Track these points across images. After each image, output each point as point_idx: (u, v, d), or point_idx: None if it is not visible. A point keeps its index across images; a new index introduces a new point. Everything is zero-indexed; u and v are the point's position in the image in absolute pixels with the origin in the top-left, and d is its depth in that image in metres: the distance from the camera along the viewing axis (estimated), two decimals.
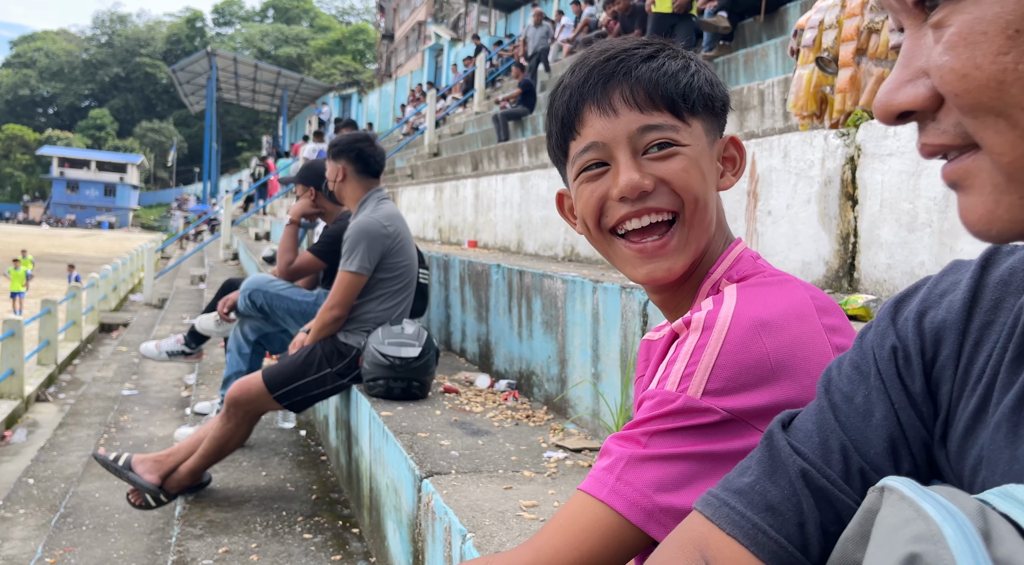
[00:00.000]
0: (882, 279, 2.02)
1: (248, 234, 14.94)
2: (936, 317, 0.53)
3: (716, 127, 0.84)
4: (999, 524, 0.38)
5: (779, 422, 0.58)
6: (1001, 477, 0.45)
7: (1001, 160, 0.38)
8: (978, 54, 0.37)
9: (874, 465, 0.53)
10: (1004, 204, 0.39)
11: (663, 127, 0.79)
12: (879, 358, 0.55)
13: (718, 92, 0.83)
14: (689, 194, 0.79)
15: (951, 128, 0.40)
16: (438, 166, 10.04)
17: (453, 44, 25.76)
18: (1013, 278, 0.50)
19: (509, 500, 1.76)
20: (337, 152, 3.02)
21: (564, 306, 2.51)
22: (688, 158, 0.79)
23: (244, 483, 3.13)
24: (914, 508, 0.40)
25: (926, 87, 0.40)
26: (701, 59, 0.85)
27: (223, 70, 32.10)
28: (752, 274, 0.80)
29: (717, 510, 0.57)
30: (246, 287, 3.40)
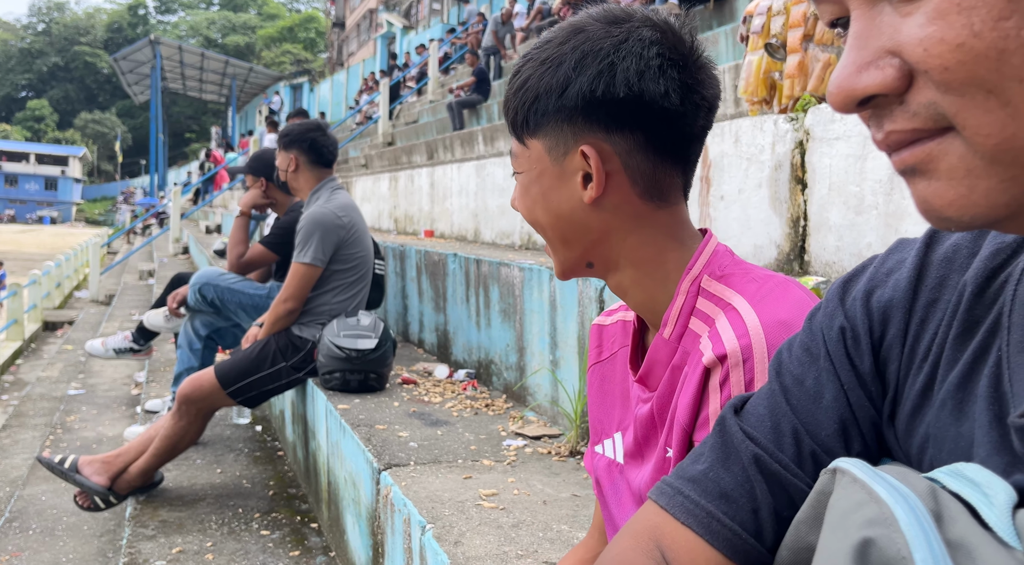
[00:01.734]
0: (831, 261, 2.06)
1: (198, 227, 14.60)
2: (883, 296, 0.52)
3: (572, 135, 0.77)
4: (950, 504, 0.38)
5: (731, 407, 0.58)
6: (948, 455, 0.45)
7: (986, 142, 0.35)
8: (975, 20, 0.33)
9: (825, 447, 0.53)
10: (980, 189, 0.36)
11: (512, 154, 0.84)
12: (828, 339, 0.54)
13: (559, 102, 0.76)
14: (528, 220, 0.84)
15: (923, 109, 0.37)
16: (393, 155, 9.94)
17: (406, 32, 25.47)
18: (956, 255, 0.50)
19: (469, 490, 1.75)
20: (288, 142, 2.95)
21: (521, 294, 2.51)
22: (521, 185, 0.83)
23: (198, 481, 3.07)
24: (866, 491, 0.40)
25: (894, 67, 0.37)
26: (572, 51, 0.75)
27: (168, 59, 31.22)
28: (734, 271, 0.79)
29: (671, 499, 0.57)
30: (196, 281, 3.32)
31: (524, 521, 1.58)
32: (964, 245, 0.50)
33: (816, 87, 2.82)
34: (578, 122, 0.77)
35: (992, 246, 0.48)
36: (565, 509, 1.65)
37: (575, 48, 0.76)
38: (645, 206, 0.80)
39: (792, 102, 2.91)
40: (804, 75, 2.89)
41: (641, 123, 0.77)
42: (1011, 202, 0.36)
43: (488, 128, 7.16)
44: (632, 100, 0.75)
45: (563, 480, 1.83)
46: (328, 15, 44.04)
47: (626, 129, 0.77)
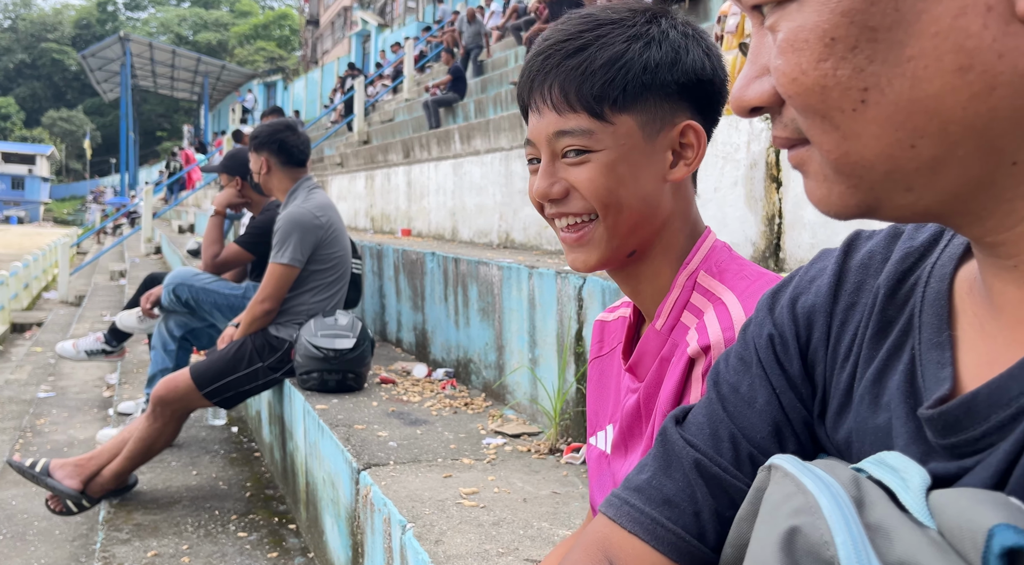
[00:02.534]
0: (806, 258, 2.09)
1: (171, 227, 14.40)
2: (807, 302, 0.56)
3: (670, 112, 0.78)
4: (871, 490, 0.41)
5: (672, 418, 0.60)
6: (870, 446, 0.48)
7: (829, 156, 0.41)
8: (803, 60, 0.39)
9: (761, 449, 0.56)
10: (835, 192, 0.42)
11: (575, 132, 0.77)
12: (759, 347, 0.58)
13: (672, 74, 0.77)
14: (598, 201, 0.78)
15: (790, 122, 0.43)
16: (368, 154, 9.88)
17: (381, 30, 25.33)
18: (871, 261, 0.54)
19: (449, 489, 1.75)
20: (258, 144, 2.92)
21: (500, 293, 2.51)
22: (598, 164, 0.77)
23: (173, 483, 3.03)
24: (795, 483, 0.43)
25: (770, 84, 0.43)
26: (660, 32, 0.78)
27: (138, 56, 30.74)
28: (729, 267, 0.80)
29: (618, 509, 0.59)
30: (170, 281, 3.28)
31: (505, 519, 1.58)
32: (878, 251, 0.54)
33: None
34: (675, 99, 0.78)
35: (902, 251, 0.52)
36: (545, 506, 1.65)
37: (673, 27, 0.78)
38: (692, 191, 0.83)
39: None
40: None
41: (715, 110, 0.81)
42: (860, 203, 0.42)
43: (464, 126, 7.15)
44: (721, 85, 0.80)
45: (543, 478, 1.83)
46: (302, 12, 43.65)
47: (707, 113, 0.81)
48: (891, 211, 0.42)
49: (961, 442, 0.41)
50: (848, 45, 0.38)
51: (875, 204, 0.41)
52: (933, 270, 0.49)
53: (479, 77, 11.02)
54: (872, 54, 0.37)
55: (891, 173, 0.40)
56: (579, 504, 1.66)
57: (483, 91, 10.26)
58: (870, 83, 0.38)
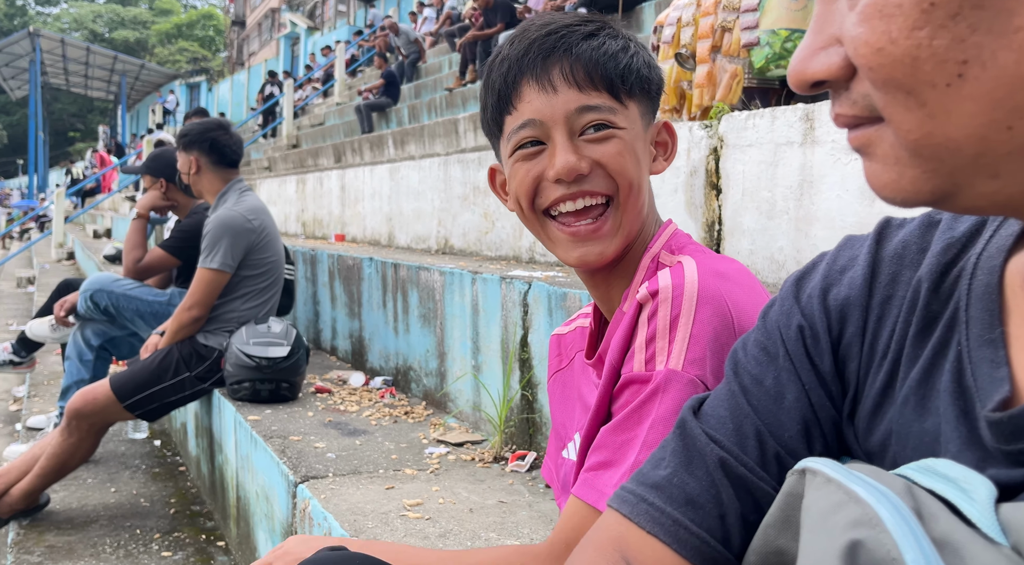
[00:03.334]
0: (746, 264, 2.13)
1: (85, 231, 13.72)
2: (839, 294, 0.53)
3: (651, 111, 0.84)
4: (928, 501, 0.38)
5: (690, 409, 0.56)
6: (912, 451, 0.45)
7: (908, 137, 0.37)
8: (893, 27, 0.36)
9: (788, 448, 0.52)
10: (908, 176, 0.38)
11: (601, 108, 0.78)
12: (787, 338, 0.54)
13: (655, 75, 0.83)
14: (624, 178, 0.78)
15: (861, 99, 0.39)
16: (298, 158, 9.65)
17: (311, 33, 24.88)
18: (907, 251, 0.51)
19: (392, 500, 1.70)
20: (188, 142, 2.80)
21: (442, 298, 2.46)
22: (624, 142, 0.78)
23: (89, 502, 2.85)
24: (844, 491, 0.39)
25: (839, 56, 0.39)
26: (640, 41, 0.84)
27: (49, 53, 29.24)
28: (688, 244, 0.83)
29: (635, 507, 0.55)
30: (87, 287, 3.10)
31: (451, 530, 1.54)
32: (913, 241, 0.51)
33: (724, 96, 2.91)
34: (654, 100, 0.83)
35: (942, 241, 0.49)
36: (492, 516, 1.62)
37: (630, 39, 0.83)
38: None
39: (701, 111, 3.00)
40: (713, 85, 2.99)
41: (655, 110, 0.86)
42: (935, 190, 0.38)
43: (399, 131, 7.06)
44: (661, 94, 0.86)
45: (488, 486, 1.80)
46: (227, 13, 42.49)
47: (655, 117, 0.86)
48: (969, 200, 0.38)
49: None
50: (949, 12, 0.34)
51: (952, 191, 0.38)
52: (979, 262, 0.46)
53: (413, 82, 10.93)
54: (976, 22, 0.34)
55: (979, 157, 0.36)
56: (526, 513, 1.64)
57: (417, 96, 10.18)
58: (971, 55, 0.34)
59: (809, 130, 1.93)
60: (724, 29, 3.05)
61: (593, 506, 0.71)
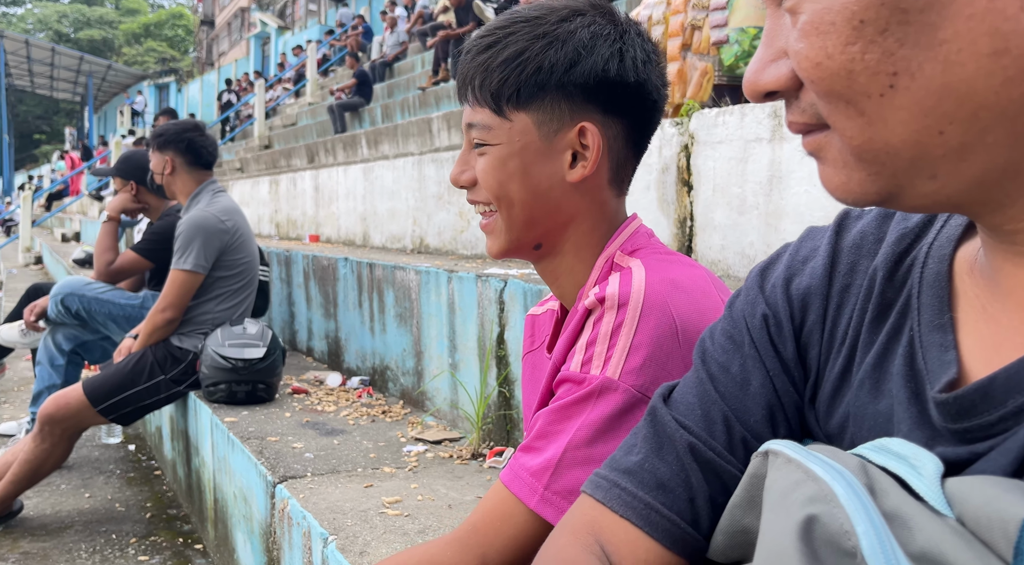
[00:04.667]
0: (717, 259, 2.16)
1: (53, 235, 13.47)
2: (801, 283, 0.55)
3: (569, 112, 0.78)
4: (880, 478, 0.40)
5: (660, 396, 0.59)
6: (868, 432, 0.48)
7: (851, 142, 0.40)
8: (829, 43, 0.38)
9: (754, 433, 0.54)
10: (855, 179, 0.41)
11: (477, 125, 0.81)
12: (751, 326, 0.56)
13: (565, 77, 0.76)
14: (490, 192, 0.81)
15: (808, 107, 0.42)
16: (270, 159, 9.57)
17: (281, 32, 24.64)
18: (864, 241, 0.53)
19: (371, 498, 1.70)
20: (163, 142, 2.77)
21: (419, 298, 2.47)
22: (491, 157, 0.80)
23: (64, 507, 2.82)
24: (802, 470, 0.41)
25: (788, 68, 0.41)
26: (568, 32, 0.77)
27: (13, 54, 28.66)
28: (645, 246, 0.82)
29: (608, 492, 0.57)
30: (58, 291, 3.05)
31: (430, 526, 1.55)
32: (870, 231, 0.53)
33: (695, 94, 2.95)
34: (577, 100, 0.78)
35: (897, 232, 0.51)
36: (470, 512, 1.63)
37: (583, 27, 0.77)
38: (609, 192, 0.83)
39: (672, 108, 3.04)
40: (684, 82, 3.02)
41: (633, 111, 0.80)
42: (880, 191, 0.41)
43: (372, 131, 7.04)
44: (636, 86, 0.78)
45: (467, 483, 1.81)
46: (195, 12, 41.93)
47: (619, 114, 0.80)
48: (913, 199, 0.41)
49: (974, 427, 0.41)
50: (878, 27, 0.36)
51: (896, 192, 0.40)
52: (931, 251, 0.49)
53: (385, 82, 10.88)
54: (903, 37, 0.36)
55: (916, 160, 0.38)
56: None
57: (390, 96, 10.14)
58: (900, 67, 0.37)
59: (778, 127, 1.97)
60: (694, 27, 3.09)
61: (507, 486, 0.73)
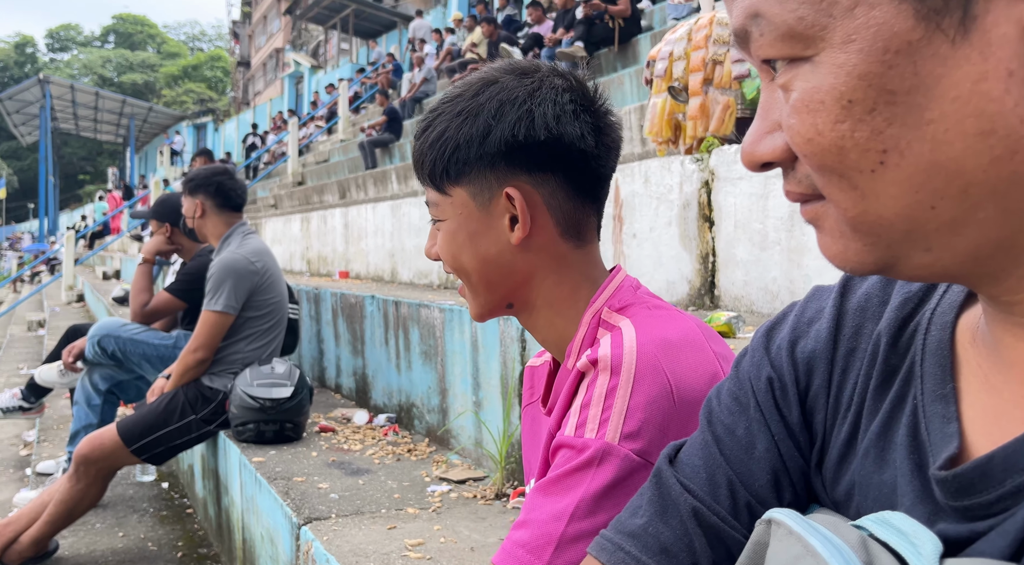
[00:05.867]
0: (740, 295, 2.15)
1: (95, 273, 13.84)
2: (807, 347, 0.55)
3: (496, 180, 0.80)
4: (880, 555, 0.40)
5: (666, 457, 0.58)
6: (873, 502, 0.47)
7: (846, 214, 0.40)
8: (819, 120, 0.39)
9: (759, 498, 0.54)
10: (852, 249, 0.41)
11: (430, 203, 0.86)
12: (757, 389, 0.56)
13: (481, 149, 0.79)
14: (448, 264, 0.86)
15: (804, 179, 0.42)
16: (303, 195, 9.76)
17: (314, 71, 25.27)
18: (869, 304, 0.53)
19: (394, 540, 1.70)
20: (194, 187, 2.86)
21: (443, 335, 2.49)
22: (445, 232, 0.85)
23: (98, 547, 2.86)
24: (802, 544, 0.41)
25: (783, 140, 0.42)
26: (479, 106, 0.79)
27: (59, 98, 29.76)
28: (633, 302, 0.82)
29: (612, 555, 0.57)
30: (95, 333, 3.14)
31: None
32: (875, 294, 0.53)
33: (717, 128, 2.95)
34: (500, 167, 0.80)
35: (900, 296, 0.51)
36: (493, 554, 1.62)
37: (491, 98, 0.80)
38: (566, 246, 0.84)
39: (696, 142, 3.04)
40: (706, 117, 3.03)
41: (561, 164, 0.81)
42: (877, 261, 0.41)
43: (402, 167, 7.15)
44: (552, 142, 0.80)
45: (490, 524, 1.80)
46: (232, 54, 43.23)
47: (547, 170, 0.81)
48: (910, 270, 0.41)
49: (974, 505, 0.40)
50: (866, 107, 0.37)
51: (893, 262, 0.41)
52: (933, 317, 0.48)
53: (415, 118, 11.07)
54: (891, 117, 0.37)
55: (910, 233, 0.39)
56: None
57: None
58: (889, 145, 0.37)
59: None
60: (715, 62, 3.11)
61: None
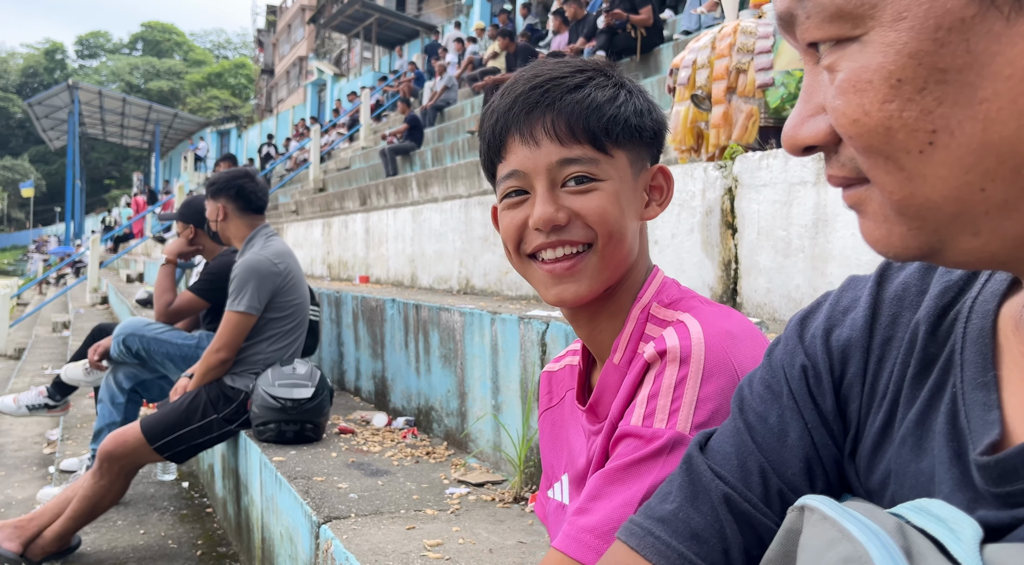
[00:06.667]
0: (763, 302, 2.14)
1: (119, 276, 14.03)
2: (842, 335, 0.54)
3: (645, 156, 0.84)
4: (918, 540, 0.39)
5: (696, 444, 0.58)
6: (909, 490, 0.47)
7: (891, 197, 0.40)
8: (866, 101, 0.38)
9: (791, 485, 0.54)
10: (896, 233, 0.41)
11: (582, 160, 0.79)
12: (790, 377, 0.56)
13: (648, 121, 0.83)
14: (603, 228, 0.79)
15: (848, 162, 0.42)
16: (324, 201, 9.84)
17: (337, 79, 25.52)
18: (906, 293, 0.53)
19: (413, 540, 1.71)
20: (216, 191, 2.90)
21: (462, 339, 2.50)
22: (605, 193, 0.80)
23: (119, 544, 2.89)
24: (837, 528, 0.41)
25: (826, 123, 0.42)
26: (636, 86, 0.85)
27: (87, 104, 30.29)
28: (682, 298, 0.82)
29: (642, 540, 0.56)
30: (120, 332, 3.18)
31: None
32: (913, 283, 0.53)
33: (740, 136, 2.95)
34: (648, 145, 0.85)
35: (940, 285, 0.51)
36: (511, 557, 1.62)
37: (632, 82, 0.86)
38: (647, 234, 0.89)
39: (719, 150, 3.04)
40: (729, 125, 3.03)
41: (657, 158, 0.87)
42: (922, 246, 0.40)
43: (422, 174, 7.19)
44: (663, 139, 0.87)
45: (508, 527, 1.80)
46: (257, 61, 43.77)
47: (656, 160, 0.87)
48: (955, 255, 0.40)
49: (1017, 491, 0.40)
50: (916, 87, 0.37)
51: (938, 247, 0.40)
52: (975, 305, 0.48)
53: (436, 125, 11.14)
54: (941, 96, 0.36)
55: (959, 216, 0.38)
56: (545, 554, 1.64)
57: (440, 140, 10.36)
58: (939, 125, 0.37)
59: (822, 170, 1.96)
60: (739, 70, 3.10)
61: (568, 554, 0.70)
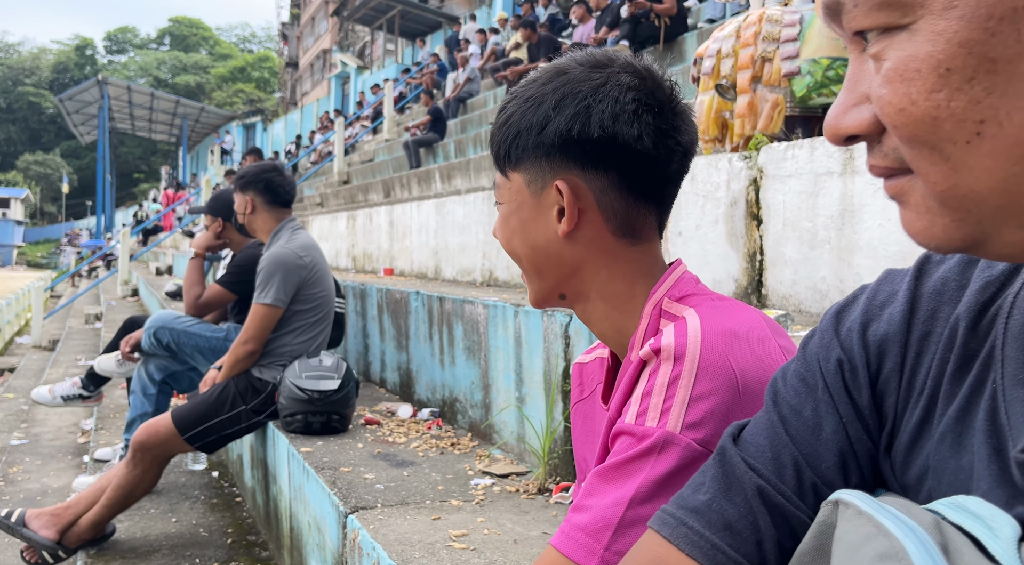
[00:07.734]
0: (788, 294, 2.12)
1: (149, 269, 14.27)
2: (878, 330, 0.54)
3: (547, 172, 0.81)
4: (955, 537, 0.39)
5: (730, 436, 0.58)
6: (947, 487, 0.47)
7: (935, 188, 0.39)
8: (913, 90, 0.38)
9: (825, 479, 0.54)
10: (939, 224, 0.40)
11: (495, 185, 0.88)
12: (825, 371, 0.55)
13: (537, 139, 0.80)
14: (503, 247, 0.88)
15: (891, 152, 0.42)
16: (349, 194, 9.91)
17: (360, 72, 25.62)
18: (946, 288, 0.52)
19: (438, 531, 1.73)
20: (244, 184, 2.93)
21: (486, 331, 2.51)
22: (501, 216, 0.87)
23: (152, 531, 2.96)
24: (873, 524, 0.40)
25: (870, 112, 0.42)
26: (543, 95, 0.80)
27: (116, 99, 30.77)
28: (694, 293, 0.81)
29: (675, 530, 0.56)
30: (151, 325, 3.24)
31: (495, 561, 1.56)
32: (952, 277, 0.52)
33: (766, 126, 2.92)
34: (555, 158, 0.81)
35: (981, 279, 0.50)
36: (536, 547, 1.64)
37: (556, 89, 0.81)
38: (617, 243, 0.83)
39: (743, 141, 3.01)
40: (754, 115, 3.00)
41: (614, 163, 0.81)
42: (965, 237, 0.40)
43: (445, 166, 7.21)
44: (605, 141, 0.79)
45: (532, 518, 1.82)
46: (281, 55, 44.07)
47: (600, 168, 0.81)
48: (999, 247, 0.40)
49: None
50: (965, 76, 0.36)
51: (982, 239, 0.40)
52: (1016, 301, 0.47)
53: (459, 117, 11.15)
54: (991, 86, 0.36)
55: (1004, 208, 0.38)
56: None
57: (463, 131, 10.38)
58: (987, 115, 0.36)
59: (849, 160, 1.94)
60: (764, 59, 3.07)
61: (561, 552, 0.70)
